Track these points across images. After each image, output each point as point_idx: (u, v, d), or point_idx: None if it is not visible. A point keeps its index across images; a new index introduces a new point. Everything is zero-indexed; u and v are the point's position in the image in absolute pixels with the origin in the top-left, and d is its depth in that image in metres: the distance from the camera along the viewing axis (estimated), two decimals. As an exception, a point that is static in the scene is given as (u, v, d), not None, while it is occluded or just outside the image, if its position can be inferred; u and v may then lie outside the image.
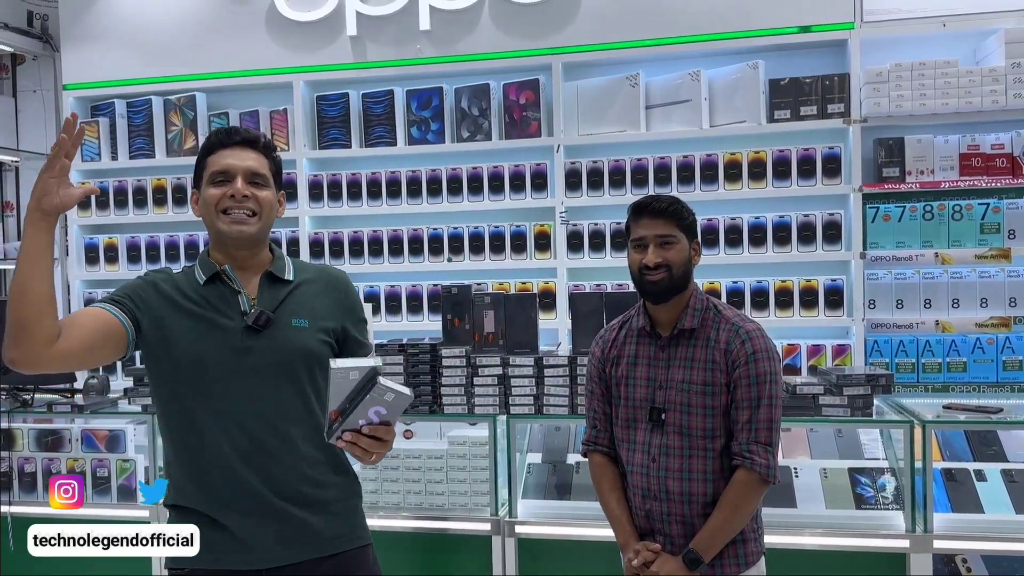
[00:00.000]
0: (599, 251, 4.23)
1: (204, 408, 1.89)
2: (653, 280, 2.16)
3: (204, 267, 1.97)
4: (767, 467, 2.11)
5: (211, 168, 1.95)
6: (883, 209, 3.94)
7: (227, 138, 1.97)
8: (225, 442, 1.88)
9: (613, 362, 2.30)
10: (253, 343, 1.90)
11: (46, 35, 5.21)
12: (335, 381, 1.72)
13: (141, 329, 1.89)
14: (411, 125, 4.45)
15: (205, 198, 1.95)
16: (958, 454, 3.17)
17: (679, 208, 2.19)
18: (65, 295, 5.04)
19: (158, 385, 1.94)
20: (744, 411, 2.13)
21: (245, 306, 1.92)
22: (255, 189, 1.94)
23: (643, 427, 2.22)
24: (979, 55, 4.00)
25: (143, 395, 3.34)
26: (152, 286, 1.94)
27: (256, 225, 1.94)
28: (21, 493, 3.49)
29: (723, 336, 2.18)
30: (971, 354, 3.86)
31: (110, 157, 4.80)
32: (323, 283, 2.04)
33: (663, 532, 2.19)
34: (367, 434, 1.75)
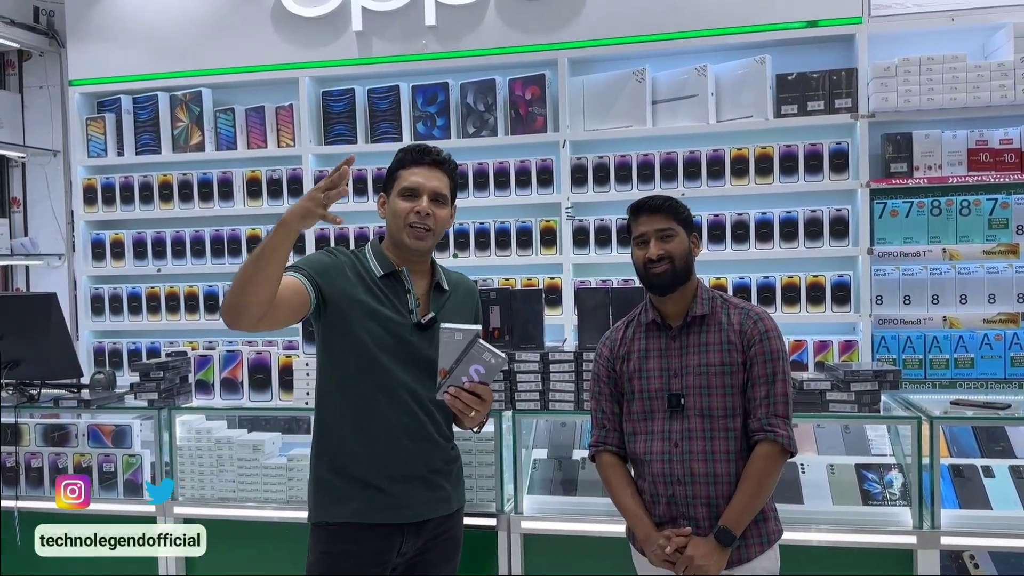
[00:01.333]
0: (605, 247, 4.22)
1: (379, 385, 2.21)
2: (658, 272, 2.27)
3: (381, 262, 2.28)
4: (788, 438, 2.22)
5: (402, 183, 2.28)
6: (891, 204, 3.93)
7: (420, 157, 2.29)
8: (394, 417, 2.22)
9: (623, 359, 2.37)
10: (419, 340, 2.25)
11: (52, 31, 5.21)
12: (443, 341, 2.10)
13: (327, 300, 2.19)
14: (417, 121, 4.44)
15: (394, 208, 2.27)
16: (966, 450, 3.15)
17: (674, 203, 2.33)
18: (71, 291, 5.05)
19: (334, 356, 2.24)
20: (761, 387, 2.23)
21: (412, 305, 2.27)
22: (435, 207, 2.27)
23: (660, 416, 2.29)
24: (987, 49, 3.98)
25: (149, 390, 3.34)
26: (339, 268, 2.23)
27: (431, 240, 2.28)
28: (28, 488, 3.50)
29: (735, 318, 2.30)
30: (979, 350, 3.85)
31: (116, 153, 4.81)
32: (464, 293, 2.44)
33: (688, 516, 2.23)
34: (468, 390, 2.13)
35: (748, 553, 2.23)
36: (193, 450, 3.35)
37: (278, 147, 4.61)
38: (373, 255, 2.30)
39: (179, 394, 3.44)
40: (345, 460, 2.24)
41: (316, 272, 2.19)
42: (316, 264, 2.22)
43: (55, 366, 3.55)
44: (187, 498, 3.34)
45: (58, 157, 5.25)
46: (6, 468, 3.52)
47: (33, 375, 3.56)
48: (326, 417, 2.28)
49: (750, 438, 2.24)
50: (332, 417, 2.26)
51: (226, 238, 4.65)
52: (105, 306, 4.83)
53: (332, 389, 2.26)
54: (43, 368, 3.55)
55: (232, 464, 3.31)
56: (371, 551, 2.23)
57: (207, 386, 3.56)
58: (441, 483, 2.32)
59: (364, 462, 2.23)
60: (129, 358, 4.76)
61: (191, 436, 3.37)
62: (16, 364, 3.48)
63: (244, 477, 3.31)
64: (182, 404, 3.43)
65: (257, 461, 3.29)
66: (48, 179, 5.28)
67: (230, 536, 3.28)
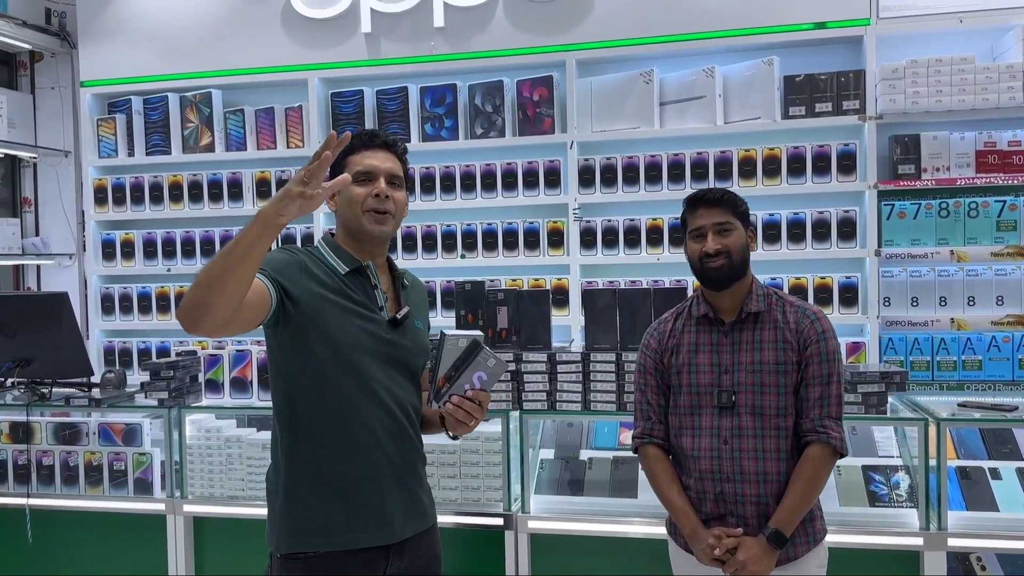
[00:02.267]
0: (612, 248, 4.23)
1: (358, 387, 2.04)
2: (714, 267, 2.24)
3: (343, 258, 2.09)
4: (841, 440, 2.20)
5: (354, 167, 2.07)
6: (898, 206, 3.93)
7: (369, 140, 2.11)
8: (375, 419, 2.05)
9: (672, 351, 2.34)
10: (393, 337, 2.09)
11: (64, 32, 5.25)
12: (447, 348, 2.02)
13: (294, 300, 1.97)
14: (425, 122, 4.46)
15: (348, 196, 2.07)
16: (973, 452, 3.15)
17: (732, 197, 2.28)
18: (82, 290, 5.08)
19: (307, 360, 2.02)
20: (815, 388, 2.21)
21: (381, 301, 2.11)
22: (392, 190, 2.09)
23: (709, 412, 2.25)
24: (996, 51, 3.97)
25: (159, 389, 3.36)
26: (301, 266, 2.02)
27: (392, 225, 2.11)
28: (39, 486, 3.52)
29: (791, 317, 2.26)
30: (987, 352, 3.84)
31: (127, 153, 4.84)
32: (419, 290, 2.30)
33: (735, 514, 2.21)
34: (470, 398, 2.03)
35: (795, 552, 2.21)
36: (203, 449, 3.37)
37: (287, 148, 4.63)
38: (331, 251, 2.10)
39: (189, 393, 3.46)
40: (325, 470, 2.04)
41: (276, 271, 1.96)
42: (276, 263, 1.99)
43: (66, 365, 3.58)
44: (197, 496, 3.37)
45: (69, 157, 5.29)
46: (17, 466, 3.55)
47: (44, 374, 3.59)
48: (299, 428, 2.06)
49: (801, 438, 2.22)
50: (308, 426, 2.05)
51: (235, 238, 4.67)
52: (115, 305, 4.86)
53: (306, 397, 2.04)
54: (54, 367, 3.58)
55: (242, 463, 3.33)
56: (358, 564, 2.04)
57: (217, 385, 3.58)
58: (419, 495, 2.15)
59: (346, 469, 2.03)
60: (139, 357, 4.79)
61: (201, 435, 3.39)
62: (28, 363, 3.51)
63: (253, 476, 3.32)
64: (192, 403, 3.45)
65: (266, 459, 3.31)
66: (59, 179, 5.32)
67: (239, 534, 3.31)
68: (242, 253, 1.72)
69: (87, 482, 3.49)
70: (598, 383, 3.10)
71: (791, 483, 2.19)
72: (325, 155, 1.72)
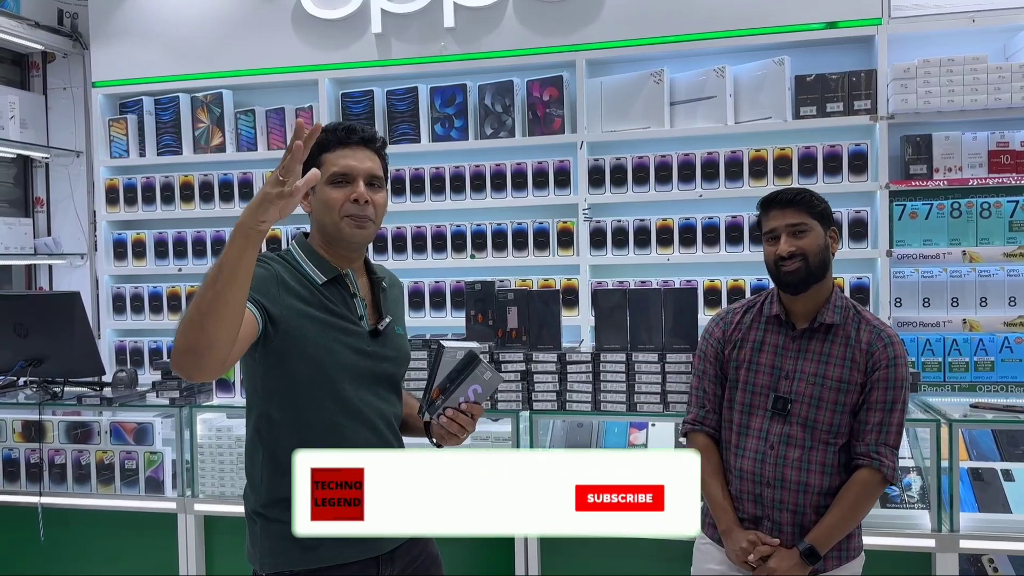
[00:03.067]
0: (622, 248, 4.23)
1: (339, 407, 1.92)
2: (789, 270, 2.17)
3: (320, 266, 1.95)
4: (893, 469, 2.14)
5: (330, 167, 1.91)
6: (910, 207, 3.91)
7: (346, 137, 1.94)
8: (361, 440, 1.93)
9: (735, 344, 2.29)
10: (375, 348, 1.98)
11: (76, 33, 5.27)
12: (444, 360, 1.95)
13: (274, 321, 1.84)
14: (435, 122, 4.46)
15: (324, 198, 1.91)
16: (985, 454, 3.14)
17: (808, 196, 2.19)
18: (94, 290, 5.11)
19: (288, 380, 1.89)
20: (877, 413, 2.15)
21: (361, 310, 1.99)
22: (372, 192, 1.93)
23: (761, 414, 2.22)
24: (1009, 51, 3.95)
25: (170, 388, 3.38)
26: (279, 280, 1.88)
27: (372, 229, 1.96)
28: (51, 485, 3.55)
29: (864, 336, 2.19)
30: (999, 353, 3.82)
31: (138, 154, 4.86)
32: (396, 288, 2.17)
33: (771, 519, 2.19)
34: (463, 411, 1.95)
35: (826, 566, 2.18)
36: (213, 448, 3.39)
37: (297, 148, 4.64)
38: (307, 259, 1.95)
39: (200, 392, 3.48)
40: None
41: (256, 290, 1.79)
42: (254, 281, 1.75)
43: (78, 364, 3.60)
44: (207, 495, 3.38)
45: (81, 158, 5.32)
46: (30, 465, 3.57)
47: (56, 373, 3.62)
48: (274, 450, 1.91)
49: (852, 459, 2.17)
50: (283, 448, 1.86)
51: (246, 238, 4.68)
52: (127, 305, 4.88)
53: (286, 419, 1.91)
54: (66, 366, 3.60)
55: (252, 462, 3.34)
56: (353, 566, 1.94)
57: (228, 384, 3.59)
58: None
59: None
60: (150, 356, 4.80)
61: (211, 434, 3.41)
62: (40, 362, 3.53)
63: (263, 475, 3.34)
64: (203, 402, 3.46)
65: (276, 459, 3.32)
66: (71, 179, 5.34)
67: (249, 533, 3.32)
68: (229, 276, 1.57)
69: (99, 481, 3.52)
70: (608, 383, 3.10)
71: (835, 502, 2.15)
72: (296, 144, 1.55)
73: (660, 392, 3.05)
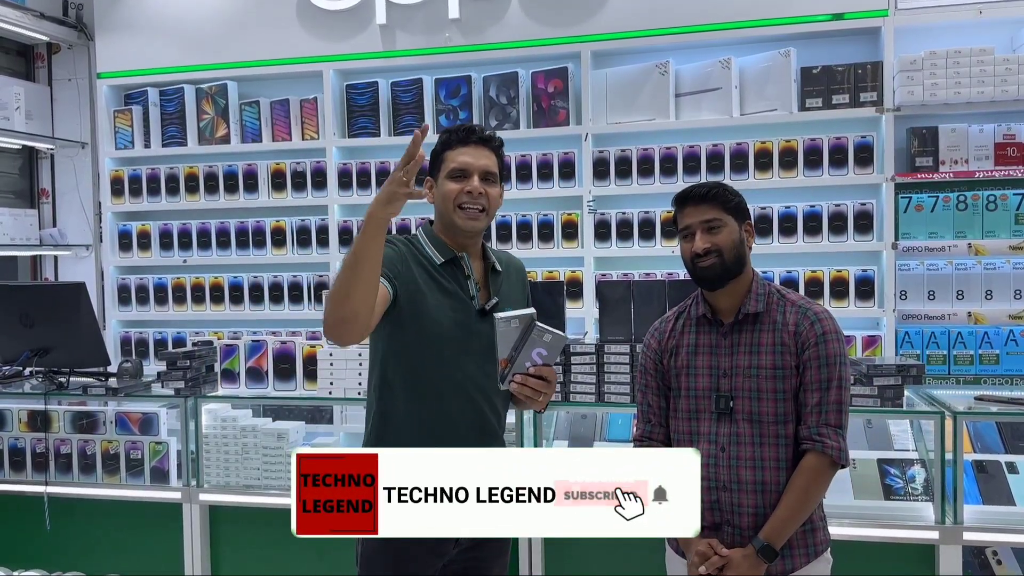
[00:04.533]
0: (627, 240, 4.22)
1: (443, 377, 2.13)
2: (705, 266, 2.15)
3: (440, 248, 2.19)
4: (838, 450, 2.09)
5: (450, 164, 2.16)
6: (916, 199, 3.90)
7: (466, 136, 2.18)
8: (459, 411, 2.14)
9: (671, 352, 2.26)
10: (482, 326, 2.14)
11: (81, 24, 5.27)
12: (501, 331, 2.02)
13: (398, 294, 2.09)
14: (439, 114, 4.46)
15: (444, 191, 2.17)
16: (989, 446, 3.13)
17: (721, 191, 2.17)
18: (99, 281, 5.12)
19: (402, 347, 2.13)
20: (813, 393, 2.11)
21: (473, 291, 2.18)
22: (486, 186, 2.16)
23: (707, 417, 2.18)
24: (1016, 43, 3.93)
25: (175, 379, 3.39)
26: (404, 258, 2.14)
27: (484, 220, 2.18)
28: (57, 474, 3.56)
29: (791, 318, 2.15)
30: (1004, 346, 3.82)
31: (143, 145, 4.87)
32: (515, 273, 2.36)
33: (732, 524, 2.14)
34: (533, 375, 2.04)
35: (794, 564, 2.12)
36: (219, 438, 3.40)
37: (302, 140, 4.65)
38: (430, 242, 2.21)
39: (205, 383, 3.48)
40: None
41: (387, 267, 2.08)
42: (386, 259, 2.07)
43: (84, 354, 3.61)
44: (212, 485, 3.39)
45: (86, 149, 5.32)
46: (36, 454, 3.58)
47: (62, 363, 3.63)
48: (382, 410, 2.17)
49: (799, 445, 2.12)
50: (390, 409, 2.16)
51: (251, 230, 4.70)
52: (132, 296, 4.89)
53: (396, 385, 2.15)
54: (72, 356, 3.61)
55: (257, 452, 3.36)
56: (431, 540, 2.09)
57: (232, 375, 3.60)
58: None
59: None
60: (155, 347, 4.82)
61: (217, 424, 3.42)
62: (46, 352, 3.54)
63: (269, 465, 3.35)
64: (208, 393, 3.47)
65: (281, 449, 3.33)
66: (76, 170, 5.35)
67: (254, 523, 3.33)
68: (365, 259, 1.88)
69: (104, 470, 3.53)
70: (612, 375, 3.10)
71: (784, 494, 2.10)
72: (419, 155, 1.85)
73: (664, 384, 3.05)
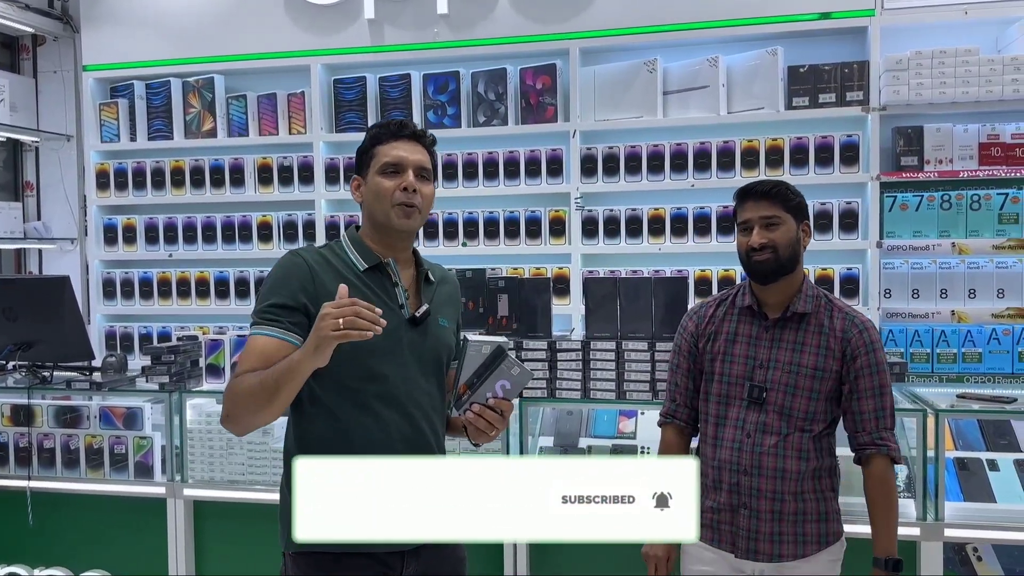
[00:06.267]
0: (614, 237, 4.23)
1: (372, 393, 1.96)
2: (759, 260, 2.21)
3: (364, 254, 2.02)
4: (898, 450, 2.22)
5: (382, 158, 2.01)
6: (900, 198, 3.92)
7: (398, 131, 2.03)
8: (393, 427, 1.97)
9: (709, 337, 2.32)
10: (413, 336, 2.01)
11: (66, 16, 5.24)
12: (469, 354, 1.92)
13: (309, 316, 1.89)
14: (427, 109, 4.45)
15: (376, 188, 2.00)
16: (971, 443, 3.16)
17: (783, 190, 2.23)
18: (84, 275, 5.09)
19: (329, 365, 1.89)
20: (869, 400, 2.20)
21: (402, 299, 2.02)
22: (420, 184, 2.01)
23: (738, 404, 2.25)
24: (1001, 44, 3.96)
25: (160, 373, 3.37)
26: (315, 274, 1.95)
27: (419, 219, 2.03)
28: (40, 469, 3.54)
29: (838, 324, 2.23)
30: (987, 345, 3.85)
31: (129, 138, 4.84)
32: (449, 285, 2.19)
33: (749, 507, 2.22)
34: (491, 407, 1.93)
35: (805, 551, 2.22)
36: (203, 433, 3.39)
37: (289, 134, 4.63)
38: (353, 247, 2.03)
39: (190, 378, 3.47)
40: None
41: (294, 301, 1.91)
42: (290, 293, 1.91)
43: (68, 348, 3.59)
44: (197, 480, 3.38)
45: (71, 142, 5.29)
46: (19, 449, 3.56)
47: (46, 357, 3.60)
48: (311, 433, 1.98)
49: (858, 450, 2.23)
50: (320, 433, 1.97)
51: (237, 224, 4.68)
52: (117, 290, 4.87)
53: (319, 397, 1.97)
54: (56, 350, 3.59)
55: (241, 447, 3.34)
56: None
57: (218, 370, 3.58)
58: None
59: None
60: (140, 342, 4.80)
61: (201, 419, 3.40)
62: (29, 346, 3.52)
63: (253, 460, 3.34)
64: (193, 388, 3.46)
65: (266, 444, 3.32)
66: (61, 163, 5.32)
67: (239, 518, 3.32)
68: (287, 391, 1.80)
69: (88, 465, 3.51)
70: (598, 372, 3.11)
71: (871, 507, 2.23)
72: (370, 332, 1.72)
73: (649, 380, 3.06)
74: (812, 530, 2.22)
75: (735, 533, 2.23)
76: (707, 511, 2.27)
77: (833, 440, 2.29)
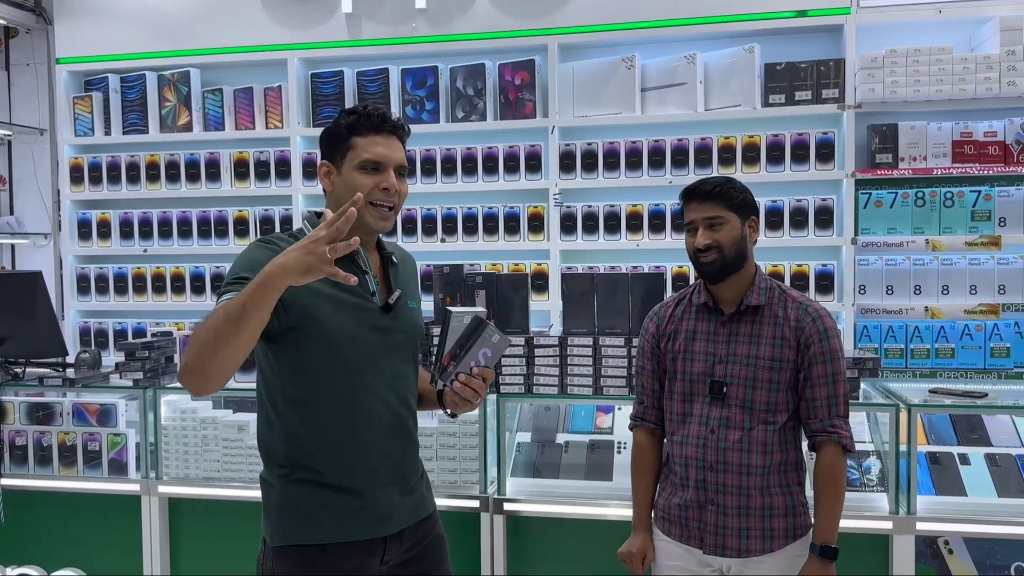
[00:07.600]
0: (592, 233, 4.24)
1: (355, 384, 1.95)
2: (706, 261, 2.23)
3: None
4: (850, 438, 2.22)
5: (362, 153, 1.93)
6: (875, 195, 3.96)
7: (380, 124, 1.96)
8: (375, 416, 1.98)
9: (669, 337, 2.35)
10: (388, 323, 2.00)
11: (40, 8, 5.16)
12: (452, 326, 1.95)
13: (285, 304, 1.82)
14: (406, 104, 4.44)
15: (353, 184, 1.92)
16: (943, 438, 3.20)
17: (726, 189, 2.23)
18: (58, 270, 5.03)
19: (302, 360, 1.92)
20: (822, 387, 2.22)
21: (372, 286, 2.00)
22: (398, 182, 1.97)
23: (700, 400, 2.27)
24: (974, 42, 4.00)
25: (134, 370, 3.34)
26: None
27: (393, 218, 2.00)
28: (12, 466, 3.50)
29: (792, 314, 2.25)
30: (959, 340, 3.89)
31: (103, 132, 4.78)
32: (408, 264, 2.17)
33: (716, 503, 2.24)
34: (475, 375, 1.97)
35: (772, 545, 2.23)
36: (178, 430, 3.36)
37: (266, 128, 4.60)
38: None
39: (164, 374, 3.45)
40: (322, 468, 1.95)
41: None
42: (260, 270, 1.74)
43: (40, 345, 3.55)
44: (172, 477, 3.35)
45: (45, 135, 5.22)
46: (-10, 446, 3.52)
47: (18, 353, 3.57)
48: (291, 425, 1.96)
49: (810, 437, 2.24)
50: (301, 424, 1.95)
51: (213, 219, 4.65)
52: (91, 286, 4.81)
53: (299, 394, 1.95)
54: (28, 346, 3.55)
55: (217, 444, 3.32)
56: (350, 569, 1.96)
57: (193, 366, 3.55)
58: (418, 488, 2.10)
59: (344, 467, 1.95)
60: (115, 338, 4.75)
61: (176, 416, 3.38)
62: (1, 342, 3.48)
63: (229, 457, 3.32)
64: (167, 384, 3.43)
65: (242, 441, 3.30)
66: (34, 157, 5.25)
67: (214, 515, 3.30)
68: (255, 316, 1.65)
69: (61, 463, 3.47)
70: (575, 367, 3.12)
71: (819, 494, 2.22)
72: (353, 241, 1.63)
73: (626, 376, 3.07)
74: (779, 524, 2.23)
75: (703, 529, 2.25)
76: (675, 508, 2.30)
77: (799, 433, 2.31)
